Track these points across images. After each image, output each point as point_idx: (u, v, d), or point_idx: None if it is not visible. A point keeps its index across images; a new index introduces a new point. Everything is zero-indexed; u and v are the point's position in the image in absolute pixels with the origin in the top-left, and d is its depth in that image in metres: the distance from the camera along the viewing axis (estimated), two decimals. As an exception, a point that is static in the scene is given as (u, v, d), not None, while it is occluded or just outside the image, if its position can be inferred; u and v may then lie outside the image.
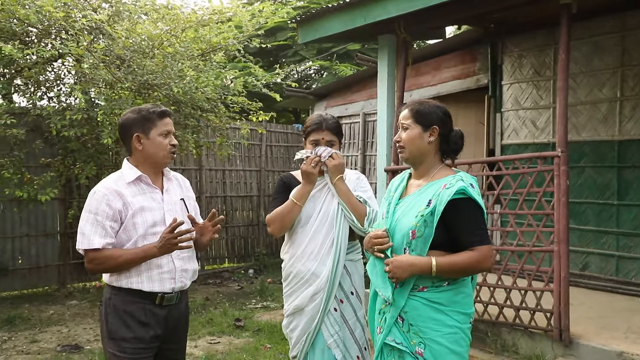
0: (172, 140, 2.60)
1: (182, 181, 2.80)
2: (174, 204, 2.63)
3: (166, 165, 2.66)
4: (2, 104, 5.16)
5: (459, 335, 2.30)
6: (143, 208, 2.51)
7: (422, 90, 8.20)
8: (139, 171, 2.56)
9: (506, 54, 7.05)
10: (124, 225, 2.48)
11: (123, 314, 2.49)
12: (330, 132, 2.89)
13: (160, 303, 2.52)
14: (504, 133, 7.09)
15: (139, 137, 2.54)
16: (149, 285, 2.50)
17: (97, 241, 2.43)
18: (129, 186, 2.53)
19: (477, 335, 4.87)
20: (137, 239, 2.49)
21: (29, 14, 4.71)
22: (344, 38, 7.48)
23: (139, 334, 2.48)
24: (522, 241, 4.58)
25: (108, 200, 2.46)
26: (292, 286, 2.90)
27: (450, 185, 2.26)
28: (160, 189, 2.62)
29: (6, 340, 5.54)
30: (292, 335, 2.91)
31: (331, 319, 2.82)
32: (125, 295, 2.50)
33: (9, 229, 7.34)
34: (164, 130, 2.56)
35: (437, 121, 2.38)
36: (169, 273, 2.54)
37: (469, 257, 2.25)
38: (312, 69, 15.57)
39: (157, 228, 2.52)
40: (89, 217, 2.46)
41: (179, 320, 2.64)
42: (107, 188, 2.50)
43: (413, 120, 2.39)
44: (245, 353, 5.03)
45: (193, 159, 8.88)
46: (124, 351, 2.47)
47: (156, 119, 2.54)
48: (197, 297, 7.38)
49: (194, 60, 5.72)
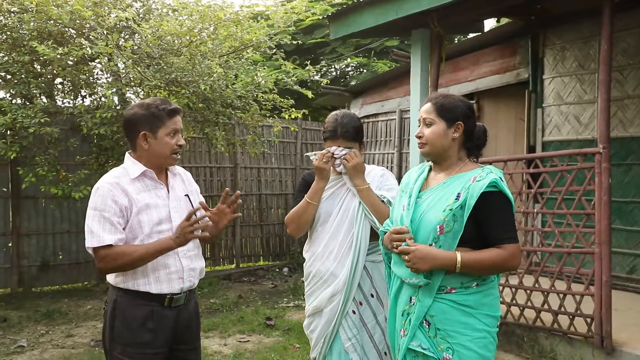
0: (179, 140, 2.48)
1: (184, 175, 2.69)
2: (179, 201, 2.54)
3: (170, 165, 2.56)
4: (38, 103, 5.26)
5: (487, 339, 2.18)
6: (148, 205, 2.41)
7: (459, 85, 7.99)
8: (143, 166, 2.45)
9: (548, 47, 6.76)
10: (129, 224, 2.39)
11: (130, 319, 2.39)
12: (346, 139, 2.73)
13: (169, 305, 2.43)
14: (545, 129, 6.81)
15: (145, 135, 2.42)
16: (157, 287, 2.41)
17: (107, 238, 2.32)
18: (133, 182, 2.43)
19: (513, 339, 4.69)
20: (142, 238, 2.39)
21: (61, 14, 4.79)
22: (377, 33, 7.34)
23: (144, 340, 2.39)
24: (561, 242, 4.36)
25: (114, 196, 2.36)
26: (312, 286, 2.82)
27: (481, 177, 2.13)
28: (165, 185, 2.53)
29: (44, 334, 5.67)
30: (311, 336, 2.83)
31: (349, 322, 2.71)
32: (132, 297, 2.40)
33: (50, 226, 7.54)
34: (172, 129, 2.44)
35: (462, 116, 2.25)
36: (176, 273, 2.45)
37: (498, 254, 2.12)
38: (350, 66, 15.45)
39: (162, 226, 2.43)
40: (95, 215, 2.35)
41: (189, 321, 2.55)
42: (111, 184, 2.39)
43: (437, 114, 2.25)
44: (274, 352, 4.97)
45: (228, 156, 8.91)
46: (130, 355, 2.39)
47: (165, 117, 2.43)
48: (230, 295, 7.39)
49: (222, 58, 5.69)
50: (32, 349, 5.21)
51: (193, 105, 5.40)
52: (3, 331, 5.71)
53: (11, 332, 5.70)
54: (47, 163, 5.25)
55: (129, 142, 2.52)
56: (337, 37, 6.23)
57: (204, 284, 7.76)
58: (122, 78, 4.86)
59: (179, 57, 5.13)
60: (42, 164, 5.26)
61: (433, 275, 2.15)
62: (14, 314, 6.28)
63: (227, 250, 9.20)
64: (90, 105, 5.46)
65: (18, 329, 5.81)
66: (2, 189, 7.22)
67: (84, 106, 5.24)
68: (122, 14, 4.82)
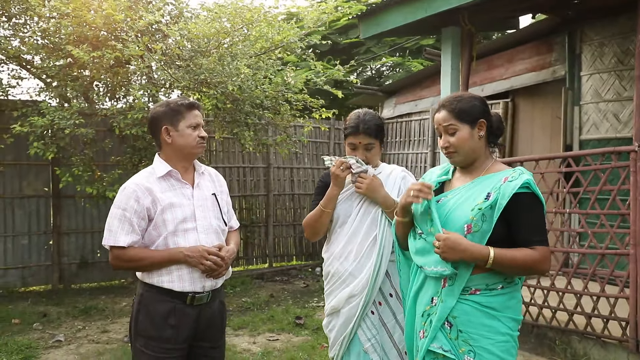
0: (201, 132, 2.55)
1: (215, 176, 2.75)
2: (205, 200, 2.59)
3: (196, 156, 2.61)
4: (74, 105, 5.44)
5: (510, 343, 2.13)
6: (172, 204, 2.47)
7: (494, 84, 7.86)
8: (169, 166, 2.53)
9: (585, 43, 6.58)
10: (154, 222, 2.46)
11: (153, 313, 2.46)
12: (368, 135, 2.71)
13: (191, 303, 2.48)
14: (582, 127, 6.62)
15: (167, 129, 2.51)
16: (180, 285, 2.46)
17: (122, 239, 2.42)
18: (159, 181, 2.50)
19: (545, 342, 4.58)
20: (166, 235, 2.46)
21: (95, 18, 4.93)
22: (407, 32, 7.28)
23: (166, 335, 2.45)
24: (595, 243, 4.23)
25: (137, 197, 2.44)
26: (331, 286, 2.81)
27: (513, 178, 2.09)
28: (191, 184, 2.58)
29: (80, 329, 5.84)
30: (330, 335, 2.82)
31: (368, 322, 2.70)
32: (156, 293, 2.47)
33: (88, 225, 7.77)
34: (193, 122, 2.52)
35: (481, 114, 2.21)
36: (199, 272, 2.48)
37: (530, 255, 2.07)
38: (385, 66, 15.37)
39: (187, 224, 2.49)
40: (117, 213, 2.44)
41: (211, 319, 2.58)
42: (136, 184, 2.48)
43: (457, 120, 2.18)
44: (302, 351, 4.99)
45: (261, 157, 9.00)
46: (152, 349, 2.45)
47: (184, 111, 2.51)
48: (262, 294, 7.45)
49: (251, 58, 5.74)
50: (69, 343, 5.38)
51: (222, 105, 5.47)
52: (43, 326, 5.91)
53: (50, 326, 5.90)
54: (82, 163, 5.43)
55: (155, 142, 2.61)
56: (366, 37, 6.21)
57: (237, 283, 7.86)
58: (153, 80, 4.97)
59: (208, 58, 5.20)
60: (77, 164, 5.43)
61: (458, 275, 2.11)
62: (54, 309, 6.49)
63: (260, 250, 9.28)
64: (124, 107, 5.60)
65: (57, 324, 6.00)
66: (44, 188, 7.48)
67: (115, 107, 5.38)
68: (151, 17, 4.93)
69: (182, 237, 2.47)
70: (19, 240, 7.40)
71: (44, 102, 5.70)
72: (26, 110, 5.82)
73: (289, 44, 6.23)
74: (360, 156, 2.74)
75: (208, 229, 2.55)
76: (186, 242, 2.48)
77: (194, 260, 2.44)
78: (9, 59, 6.30)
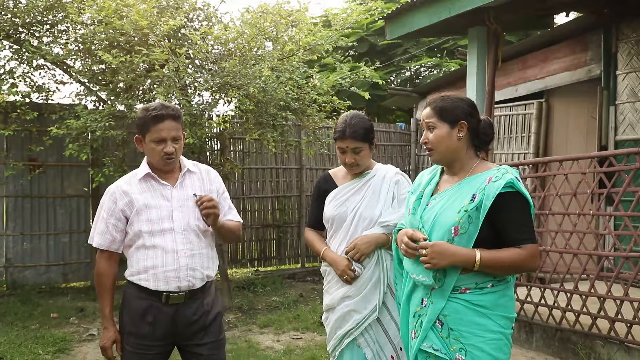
0: (166, 147, 2.46)
1: (206, 174, 2.70)
2: (186, 200, 2.56)
3: (165, 171, 2.56)
4: (107, 108, 5.67)
5: (502, 341, 2.14)
6: (148, 205, 2.50)
7: (528, 84, 7.73)
8: (148, 168, 2.55)
9: (621, 41, 6.39)
10: (130, 222, 2.50)
11: (132, 310, 2.53)
12: (355, 139, 2.71)
13: (166, 302, 2.49)
14: (618, 128, 6.43)
15: (139, 139, 2.53)
16: (155, 284, 2.48)
17: (96, 239, 2.54)
18: (140, 183, 2.54)
19: (569, 347, 4.49)
20: (143, 234, 2.48)
21: (124, 24, 5.14)
22: (433, 32, 7.25)
23: (143, 332, 2.50)
24: (618, 246, 4.12)
25: (115, 199, 2.52)
26: (327, 284, 2.89)
27: (497, 178, 2.09)
28: (172, 184, 2.57)
29: (113, 324, 6.06)
30: (327, 330, 2.89)
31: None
32: (136, 290, 2.52)
33: (126, 223, 8.02)
34: (156, 137, 2.45)
35: (464, 115, 2.21)
36: (173, 272, 2.48)
37: (518, 254, 2.08)
38: (423, 67, 15.25)
39: (163, 224, 2.50)
40: (98, 213, 2.58)
41: (191, 318, 2.55)
42: (116, 186, 2.56)
43: (437, 118, 2.21)
44: (323, 350, 5.03)
45: (294, 158, 9.10)
46: (131, 345, 2.53)
47: (150, 123, 2.44)
48: (291, 294, 7.53)
49: (280, 61, 5.83)
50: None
51: (244, 107, 5.59)
52: (79, 320, 6.16)
53: (86, 321, 6.15)
54: (113, 164, 5.65)
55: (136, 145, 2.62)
56: (392, 38, 6.24)
57: (268, 282, 7.97)
58: (177, 84, 5.12)
59: (228, 61, 5.32)
60: (109, 164, 5.66)
61: (447, 276, 2.13)
62: (90, 305, 6.75)
63: (292, 250, 9.38)
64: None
65: (92, 318, 6.25)
66: (84, 188, 7.80)
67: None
68: (172, 23, 5.09)
69: (159, 237, 2.49)
70: (60, 239, 7.73)
71: (80, 106, 5.97)
72: (63, 113, 6.10)
73: (316, 47, 6.29)
74: (350, 159, 2.76)
75: (186, 230, 2.54)
76: (164, 242, 2.49)
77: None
78: (52, 64, 6.61)
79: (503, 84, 7.99)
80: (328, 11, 7.51)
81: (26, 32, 6.43)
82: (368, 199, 2.77)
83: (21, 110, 6.14)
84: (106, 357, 2.58)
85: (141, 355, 2.53)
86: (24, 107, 6.15)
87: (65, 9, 5.97)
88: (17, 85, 6.36)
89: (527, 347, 4.84)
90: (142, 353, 2.52)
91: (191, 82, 5.33)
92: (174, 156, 2.51)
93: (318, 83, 6.09)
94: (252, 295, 7.40)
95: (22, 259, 7.47)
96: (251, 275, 8.38)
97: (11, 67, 6.30)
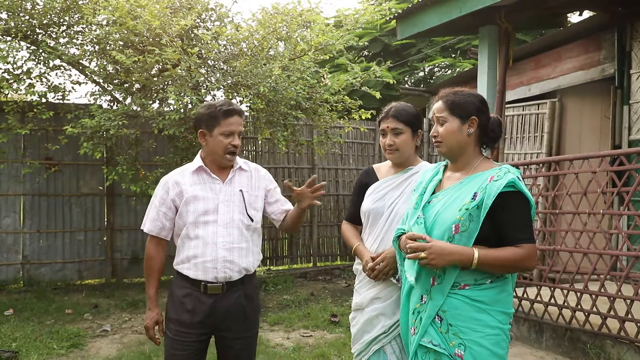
0: (234, 140, 2.65)
1: (256, 172, 2.84)
2: (233, 195, 2.70)
3: (225, 165, 2.71)
4: (120, 107, 5.75)
5: (500, 337, 2.15)
6: (196, 197, 2.64)
7: (541, 83, 7.68)
8: (201, 162, 2.71)
9: (636, 40, 6.33)
10: (179, 212, 2.65)
11: (175, 297, 2.66)
12: (395, 119, 2.63)
13: (204, 291, 2.61)
14: (632, 127, 6.38)
15: (203, 132, 2.67)
16: (194, 273, 2.62)
17: (147, 225, 2.71)
18: (192, 175, 2.70)
19: (579, 346, 4.47)
20: (188, 225, 2.63)
21: (137, 24, 5.21)
22: (444, 32, 7.23)
23: (182, 318, 2.62)
24: (629, 245, 4.09)
25: (167, 188, 2.69)
26: (359, 283, 2.78)
27: (499, 177, 2.11)
28: (222, 180, 2.71)
29: (126, 320, 6.15)
30: (352, 331, 2.79)
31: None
32: (179, 279, 2.67)
33: (140, 222, 8.03)
34: (226, 130, 2.63)
35: (475, 111, 2.23)
36: (211, 262, 2.60)
37: (515, 253, 2.10)
38: (437, 67, 15.21)
39: (208, 217, 2.63)
40: (152, 202, 2.73)
41: (228, 310, 2.65)
42: (170, 177, 2.74)
43: (449, 112, 2.23)
44: (333, 348, 5.07)
45: (306, 157, 9.14)
46: (171, 331, 2.65)
47: (220, 117, 2.62)
48: (302, 292, 7.57)
49: (287, 60, 5.87)
50: (115, 333, 5.68)
51: (255, 106, 5.63)
52: (93, 316, 6.26)
53: (99, 317, 6.24)
54: (126, 162, 5.73)
55: (199, 139, 2.77)
56: (403, 37, 6.24)
57: (280, 281, 8.02)
58: (189, 83, 5.19)
59: (239, 60, 5.37)
60: (122, 163, 5.75)
61: (446, 273, 2.15)
62: (105, 301, 6.86)
63: (304, 249, 9.42)
64: (163, 108, 5.86)
65: (106, 315, 6.34)
66: (99, 187, 7.91)
67: (153, 109, 5.64)
68: (183, 23, 5.15)
69: (202, 228, 2.62)
70: (75, 236, 7.86)
71: (94, 105, 6.07)
72: (78, 112, 6.21)
73: (327, 46, 6.32)
74: (389, 142, 2.67)
75: (229, 223, 2.65)
76: (205, 233, 2.62)
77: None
78: (68, 65, 6.72)
79: (516, 83, 7.95)
80: (340, 11, 7.55)
81: (43, 33, 6.55)
82: (407, 196, 2.62)
83: (37, 110, 6.26)
84: (148, 336, 2.73)
85: (179, 342, 2.63)
86: (40, 107, 6.27)
87: (80, 10, 6.08)
88: (34, 86, 6.48)
89: (536, 346, 4.82)
90: (180, 340, 2.63)
91: (203, 82, 5.40)
92: (237, 149, 2.70)
93: (329, 82, 6.12)
94: (264, 293, 7.45)
95: (39, 256, 7.62)
96: (263, 274, 8.44)
97: (28, 68, 6.42)
